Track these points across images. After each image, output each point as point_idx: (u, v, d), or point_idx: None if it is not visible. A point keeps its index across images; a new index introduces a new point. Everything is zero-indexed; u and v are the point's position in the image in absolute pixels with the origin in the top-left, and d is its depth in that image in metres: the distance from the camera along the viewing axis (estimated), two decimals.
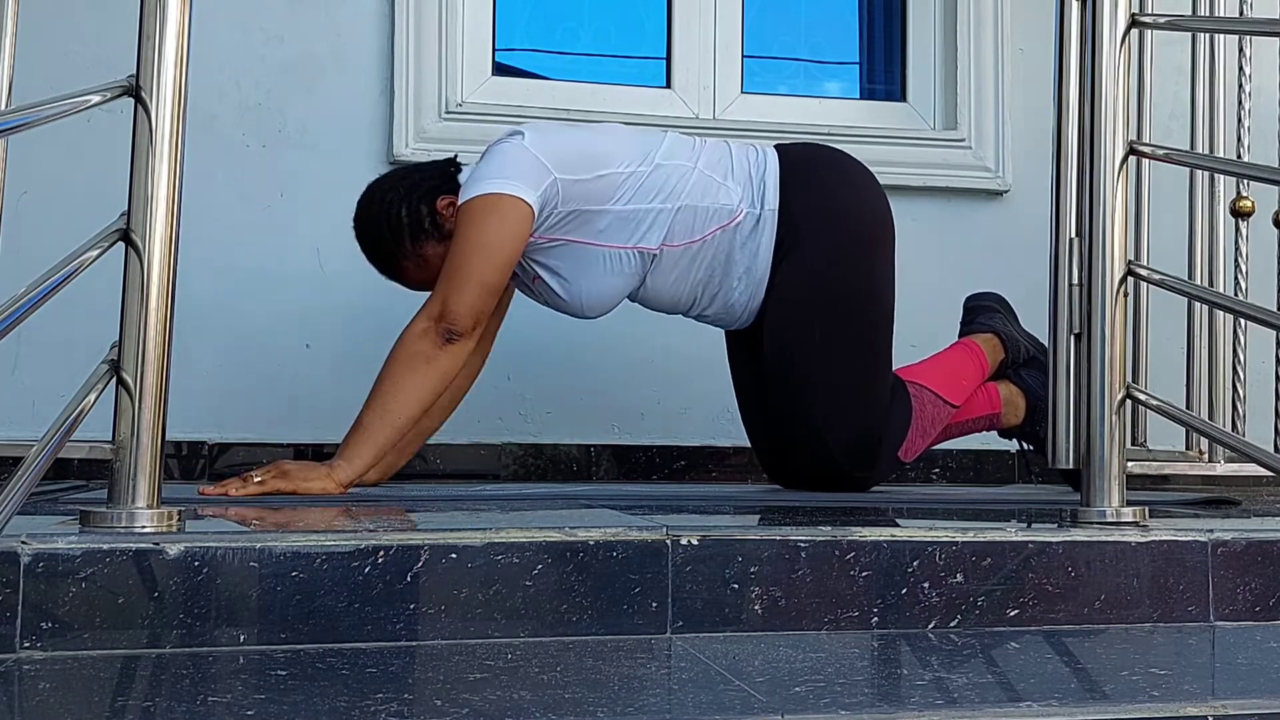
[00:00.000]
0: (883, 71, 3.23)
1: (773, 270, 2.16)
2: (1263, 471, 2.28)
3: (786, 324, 2.17)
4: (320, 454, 2.54)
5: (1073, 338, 1.58)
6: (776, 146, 2.28)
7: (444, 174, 2.16)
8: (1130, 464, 2.13)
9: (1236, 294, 2.47)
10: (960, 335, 2.45)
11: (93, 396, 1.25)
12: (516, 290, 2.27)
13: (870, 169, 2.34)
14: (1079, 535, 1.41)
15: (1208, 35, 2.54)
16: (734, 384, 2.34)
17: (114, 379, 1.28)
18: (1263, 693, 1.08)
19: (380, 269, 2.18)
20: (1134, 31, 1.63)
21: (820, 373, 2.16)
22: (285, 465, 1.88)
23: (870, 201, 2.27)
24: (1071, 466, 1.58)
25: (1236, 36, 2.52)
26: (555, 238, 2.10)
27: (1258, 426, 2.49)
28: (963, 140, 3.03)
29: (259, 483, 1.80)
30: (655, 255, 2.14)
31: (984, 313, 2.46)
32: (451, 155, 2.23)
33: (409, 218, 2.11)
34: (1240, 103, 2.51)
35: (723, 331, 2.35)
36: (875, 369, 2.21)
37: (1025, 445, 2.45)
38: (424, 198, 2.11)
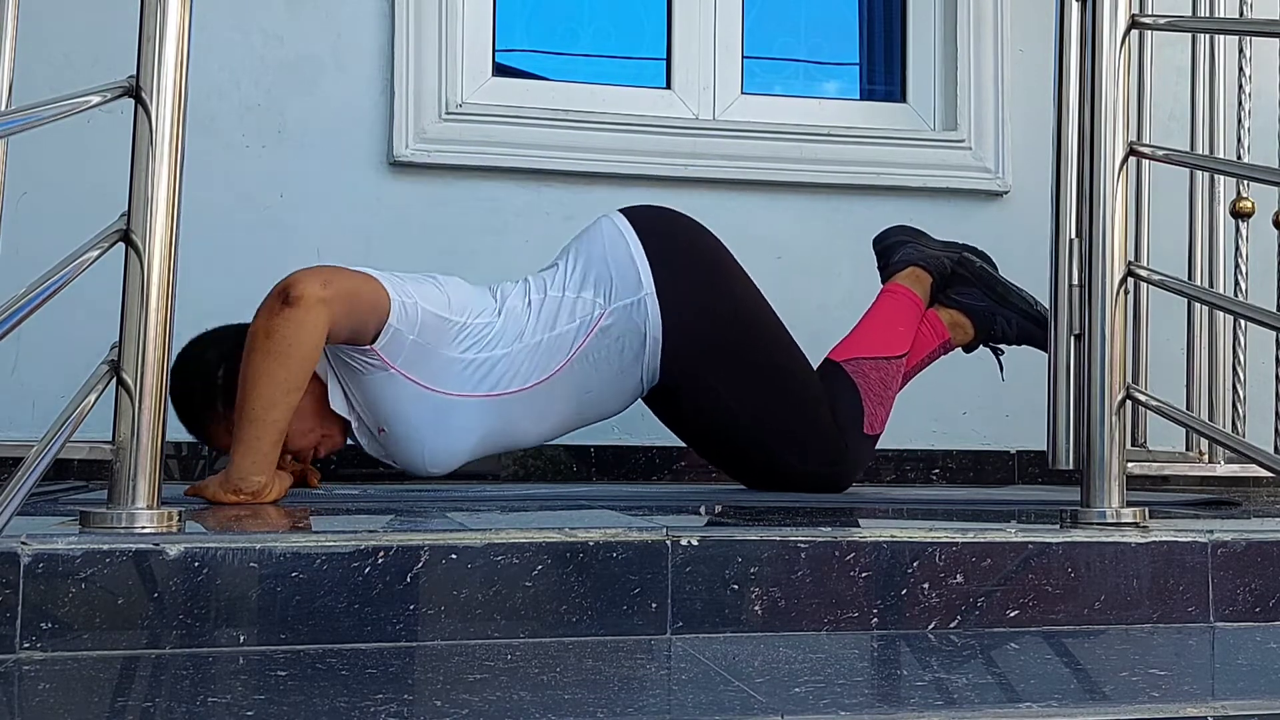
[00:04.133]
0: (883, 72, 3.23)
1: (663, 340, 2.10)
2: (1263, 472, 2.28)
3: (697, 384, 2.15)
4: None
5: (1073, 338, 1.58)
6: (623, 212, 2.21)
7: None
8: (1130, 465, 2.13)
9: (1236, 294, 2.48)
10: (882, 281, 2.45)
11: (93, 397, 1.25)
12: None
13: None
14: (1079, 536, 1.41)
15: (1208, 36, 2.54)
16: (678, 436, 2.32)
17: (114, 379, 1.28)
18: (1263, 693, 1.08)
19: (187, 427, 2.05)
20: (1134, 32, 1.63)
21: (753, 408, 2.15)
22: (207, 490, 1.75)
23: (700, 229, 2.24)
24: (1071, 467, 1.58)
25: (1236, 37, 2.52)
26: (400, 370, 1.98)
27: (1258, 427, 2.50)
28: (963, 141, 3.03)
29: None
30: (514, 399, 2.06)
31: (895, 250, 2.45)
32: None
33: (225, 379, 1.93)
34: (1240, 103, 2.51)
35: None
36: (795, 374, 2.20)
37: (993, 351, 2.45)
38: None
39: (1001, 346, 2.43)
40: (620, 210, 2.22)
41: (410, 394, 2.00)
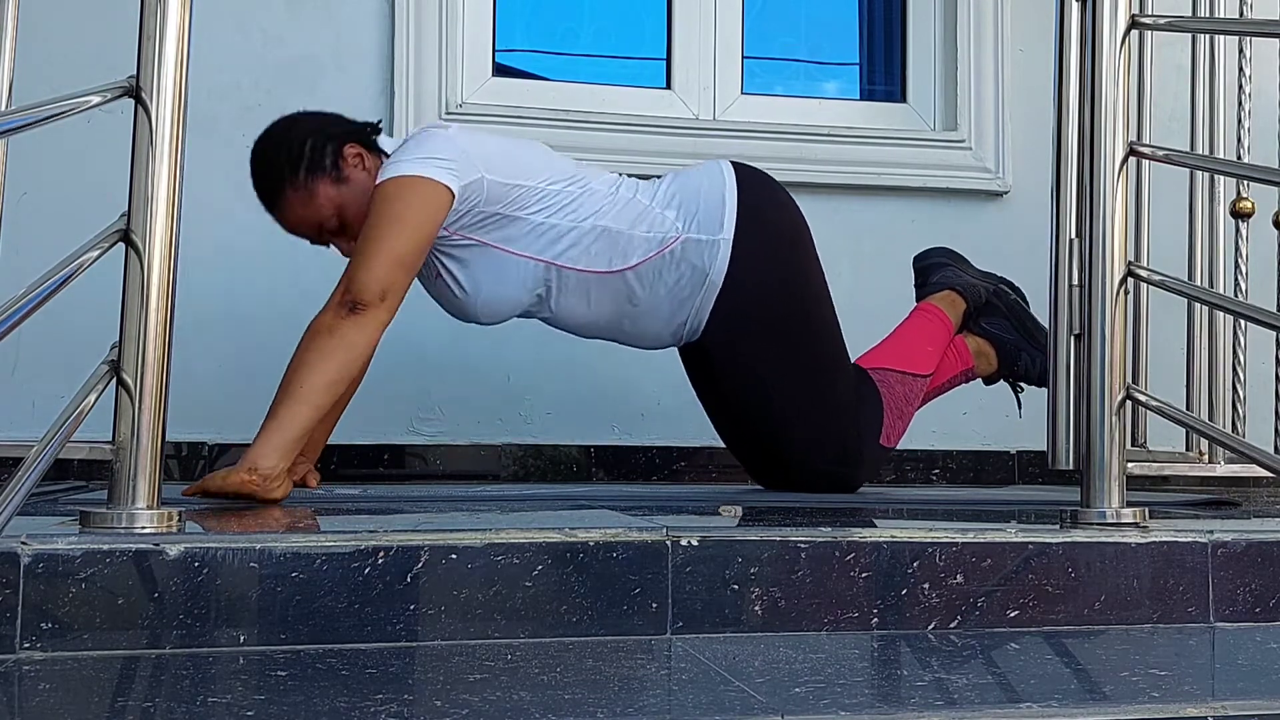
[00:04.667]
0: (883, 72, 3.23)
1: (721, 294, 2.12)
2: (1263, 472, 2.28)
3: (738, 351, 2.16)
4: (322, 453, 2.54)
5: (1073, 338, 1.58)
6: (732, 164, 2.23)
7: (363, 129, 2.11)
8: (1130, 465, 2.13)
9: (1236, 295, 2.47)
10: (917, 299, 2.45)
11: (93, 397, 1.25)
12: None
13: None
14: (1079, 536, 1.41)
15: (1208, 36, 2.54)
16: (703, 406, 2.32)
17: (114, 379, 1.28)
18: (1263, 694, 1.08)
19: (262, 195, 2.08)
20: (1134, 32, 1.63)
21: (784, 392, 2.16)
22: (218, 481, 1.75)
23: (797, 211, 2.26)
24: (1071, 467, 1.58)
25: (1236, 37, 2.52)
26: (469, 237, 2.06)
27: (1258, 427, 2.50)
28: (962, 141, 3.03)
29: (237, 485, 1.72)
30: (568, 274, 2.10)
31: (934, 270, 2.46)
32: (376, 121, 2.17)
33: (312, 151, 2.03)
34: (1240, 103, 2.51)
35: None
36: (834, 373, 2.20)
37: (1012, 387, 2.46)
38: (333, 138, 2.05)
39: (1022, 385, 2.44)
40: (732, 161, 2.25)
41: (474, 250, 2.07)
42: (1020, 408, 2.45)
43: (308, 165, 2.03)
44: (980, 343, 2.40)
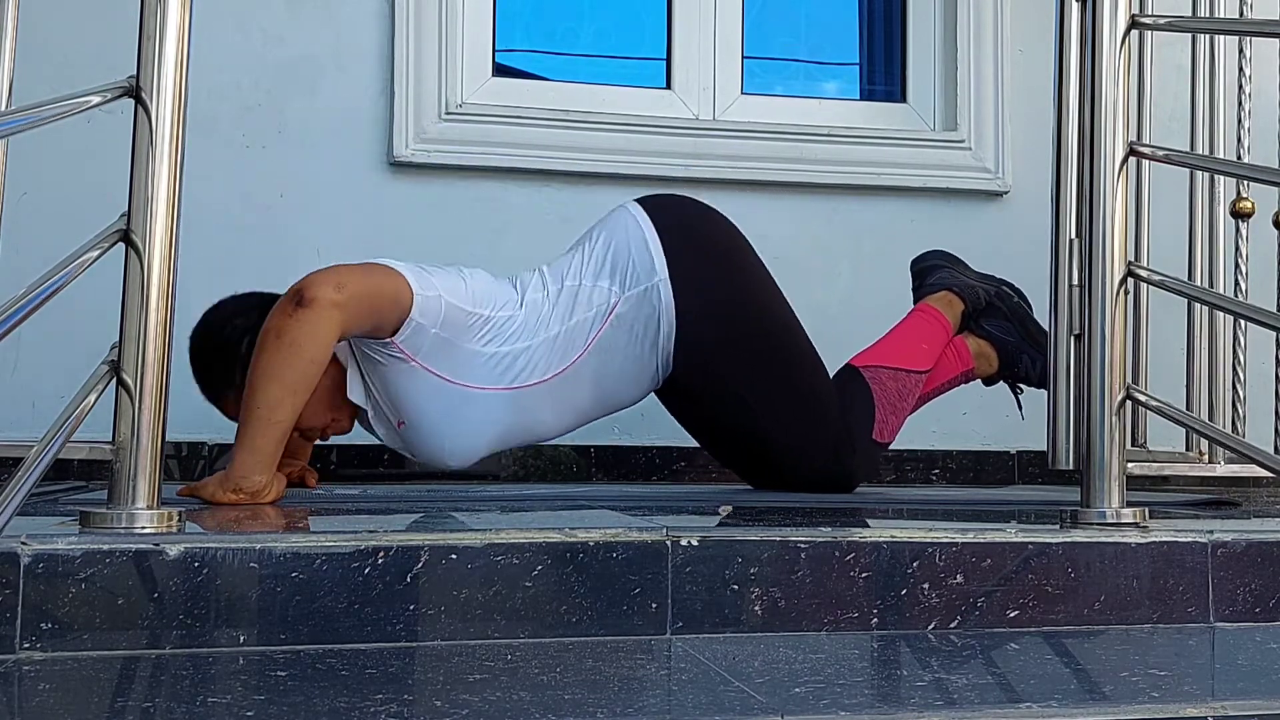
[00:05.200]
0: (883, 72, 3.23)
1: (677, 328, 2.10)
2: (1263, 472, 2.28)
3: (709, 375, 2.14)
4: (322, 452, 2.54)
5: (1073, 338, 1.58)
6: (637, 201, 2.21)
7: None
8: (1130, 465, 2.13)
9: (1236, 295, 2.48)
10: (914, 301, 2.45)
11: (93, 397, 1.25)
12: None
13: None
14: (1079, 536, 1.41)
15: (1208, 36, 2.54)
16: (690, 434, 2.32)
17: (114, 379, 1.28)
18: (1263, 694, 1.08)
19: (202, 391, 2.08)
20: (1134, 32, 1.63)
21: (761, 401, 2.15)
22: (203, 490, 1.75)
23: (722, 221, 2.24)
24: (1071, 467, 1.58)
25: (1236, 37, 2.52)
26: (420, 361, 1.98)
27: (1258, 427, 2.50)
28: (962, 141, 3.03)
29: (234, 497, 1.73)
30: (532, 390, 2.05)
31: (931, 273, 2.46)
32: None
33: (247, 351, 1.90)
34: (1240, 103, 2.51)
35: None
36: (804, 369, 2.19)
37: (1012, 389, 2.46)
38: None
39: (1021, 386, 2.43)
40: (638, 199, 2.23)
41: (431, 387, 2.00)
42: (1020, 409, 2.45)
43: (244, 368, 1.89)
44: (981, 344, 2.40)
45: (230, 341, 2.02)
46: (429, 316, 1.95)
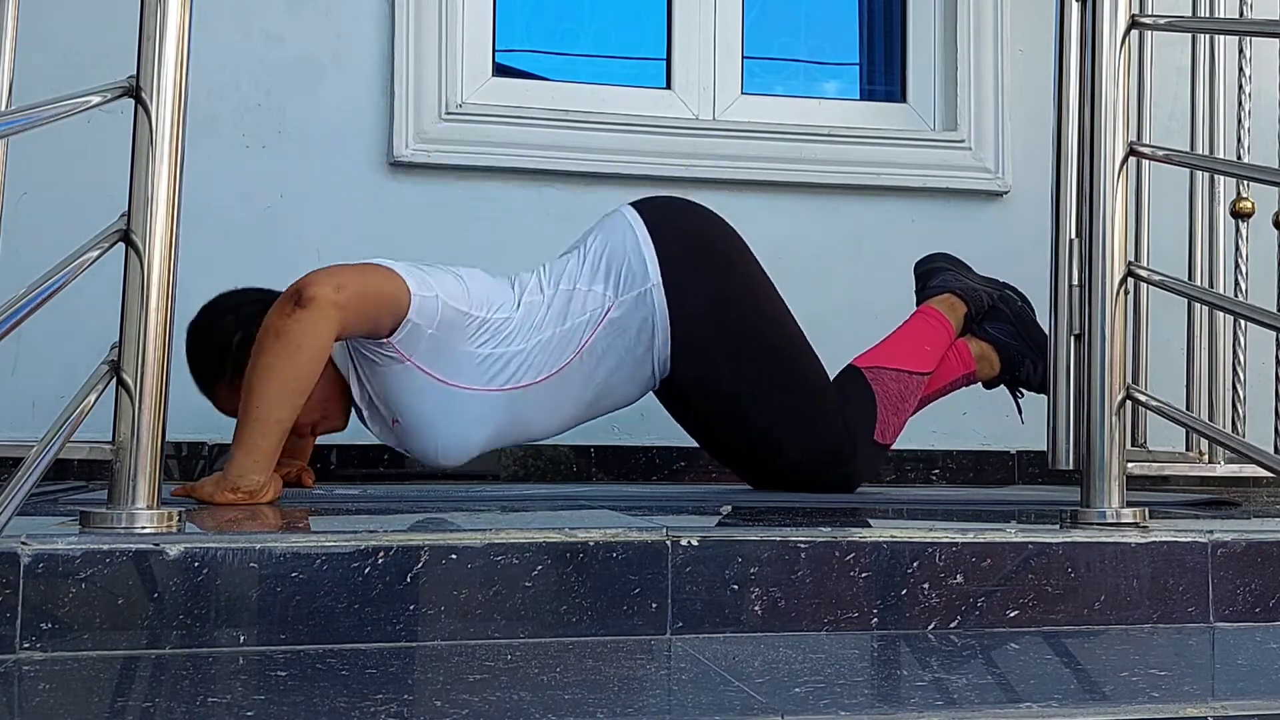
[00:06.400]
0: (883, 72, 3.23)
1: (672, 332, 2.10)
2: (1263, 472, 2.28)
3: (706, 376, 2.15)
4: (322, 452, 2.54)
5: (1073, 338, 1.58)
6: (632, 205, 2.21)
7: None
8: (1130, 465, 2.13)
9: (1236, 295, 2.48)
10: (917, 303, 2.45)
11: (93, 397, 1.25)
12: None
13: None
14: (1079, 536, 1.41)
15: (1208, 36, 2.54)
16: (690, 435, 2.32)
17: (114, 379, 1.28)
18: (1263, 694, 1.08)
19: (196, 384, 2.10)
20: (1134, 32, 1.63)
21: (760, 401, 2.15)
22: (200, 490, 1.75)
23: (718, 222, 2.24)
24: (1071, 467, 1.58)
25: (1236, 37, 2.52)
26: (414, 361, 1.98)
27: (1258, 427, 2.50)
28: (962, 141, 3.03)
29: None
30: (525, 392, 2.06)
31: (935, 275, 2.46)
32: None
33: (237, 349, 1.95)
34: (1240, 103, 2.51)
35: None
36: (805, 373, 2.19)
37: (1012, 393, 2.46)
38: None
39: (1022, 390, 2.43)
40: (633, 202, 2.23)
41: (425, 386, 2.01)
42: (1020, 412, 2.45)
43: (234, 364, 1.95)
44: (983, 346, 2.40)
45: (224, 334, 2.04)
46: (425, 317, 1.95)
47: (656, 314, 2.10)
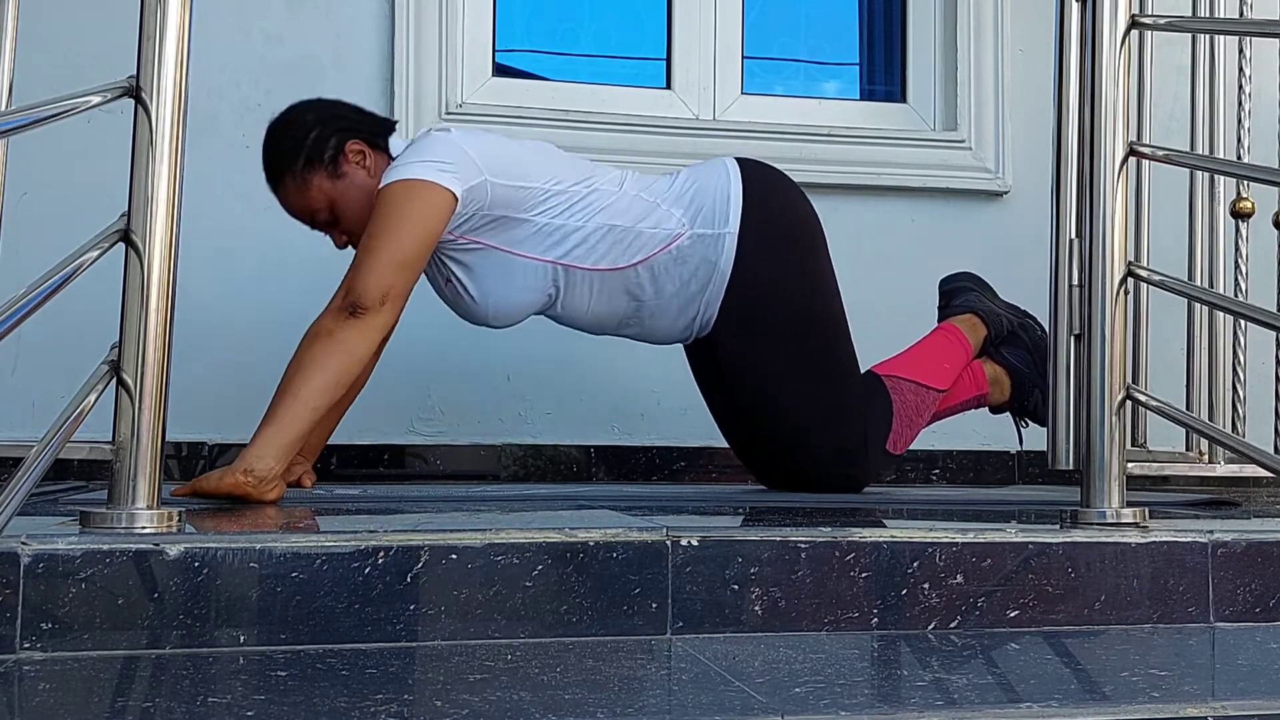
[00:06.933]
0: (883, 72, 3.23)
1: (728, 289, 2.13)
2: (1263, 472, 2.28)
3: (746, 347, 2.16)
4: (322, 453, 2.54)
5: (1073, 338, 1.58)
6: (737, 159, 2.24)
7: (376, 126, 2.14)
8: (1130, 465, 2.13)
9: (1236, 295, 2.47)
10: (939, 320, 2.45)
11: (93, 397, 1.25)
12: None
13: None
14: (1079, 536, 1.41)
15: (1208, 36, 2.54)
16: (707, 405, 2.32)
17: (114, 379, 1.28)
18: (1263, 694, 1.08)
19: (267, 176, 2.13)
20: (1134, 32, 1.63)
21: (790, 388, 2.16)
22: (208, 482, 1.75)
23: (807, 207, 2.26)
24: (1071, 467, 1.58)
25: (1236, 37, 2.52)
26: (475, 240, 2.07)
27: (1258, 427, 2.50)
28: (963, 141, 3.03)
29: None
30: (575, 273, 2.11)
31: (959, 294, 2.47)
32: (394, 120, 2.21)
33: (313, 142, 2.06)
34: (1240, 103, 2.51)
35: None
36: (841, 372, 2.20)
37: (1016, 421, 2.46)
38: (339, 132, 2.08)
39: (1026, 420, 2.44)
40: (737, 157, 2.26)
41: (482, 255, 2.08)
42: (1021, 440, 2.45)
43: (306, 156, 2.06)
44: (998, 370, 2.40)
45: (304, 126, 2.09)
46: (476, 203, 2.02)
47: (722, 260, 2.12)
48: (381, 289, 1.90)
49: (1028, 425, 2.45)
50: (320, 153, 2.06)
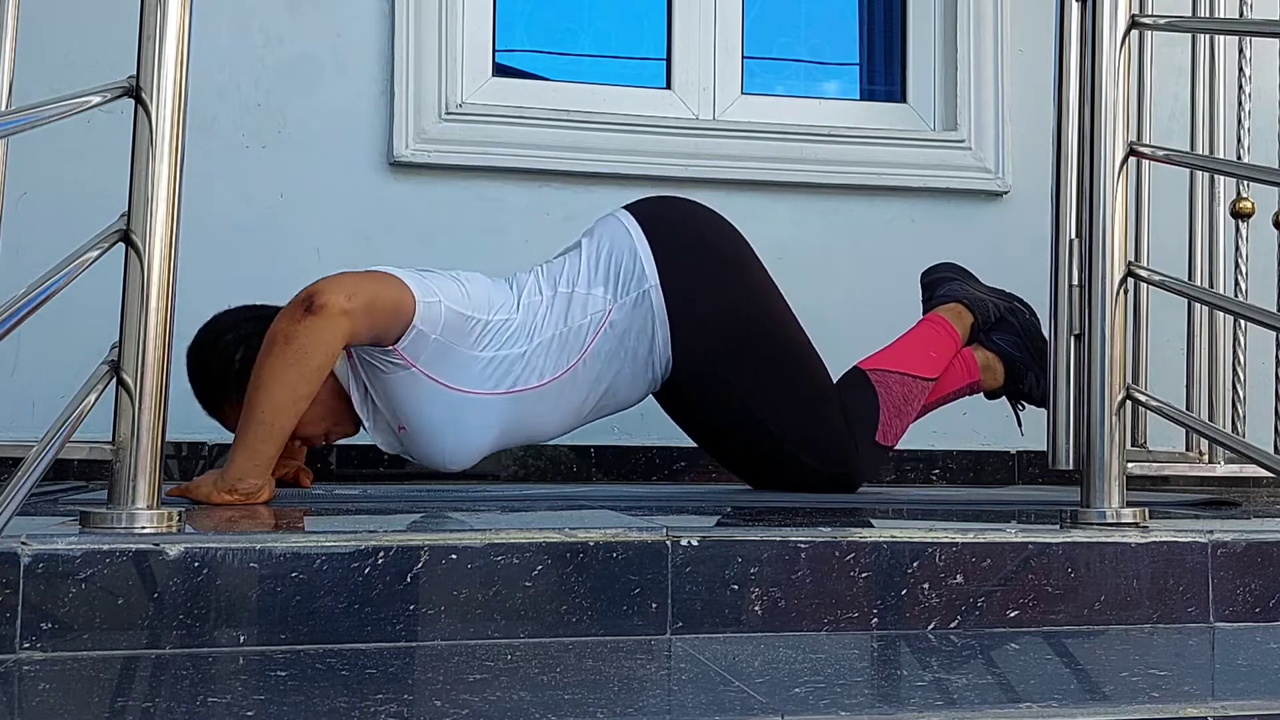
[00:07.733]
0: (883, 72, 3.23)
1: (672, 334, 2.10)
2: (1262, 472, 2.28)
3: (706, 377, 2.14)
4: (322, 453, 2.54)
5: (1073, 338, 1.58)
6: (626, 208, 2.21)
7: None
8: (1130, 465, 2.13)
9: (1236, 295, 2.47)
10: (924, 312, 2.45)
11: (93, 397, 1.25)
12: None
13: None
14: (1079, 536, 1.41)
15: (1208, 36, 2.54)
16: (690, 436, 2.32)
17: (114, 380, 1.28)
18: (1263, 693, 1.08)
19: (203, 406, 2.10)
20: (1134, 32, 1.63)
21: (760, 400, 2.15)
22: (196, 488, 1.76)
23: (716, 220, 2.24)
24: (1071, 467, 1.58)
25: (1236, 37, 2.52)
26: (421, 369, 1.98)
27: (1258, 427, 2.50)
28: (962, 141, 3.03)
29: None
30: (527, 396, 2.05)
31: (941, 284, 2.47)
32: None
33: (241, 365, 1.96)
34: (1240, 103, 2.51)
35: None
36: (804, 373, 2.19)
37: (1013, 405, 2.46)
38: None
39: (1023, 404, 2.44)
40: (628, 205, 2.22)
41: (430, 392, 2.00)
42: (1020, 425, 2.45)
43: (238, 381, 1.93)
44: (989, 357, 2.40)
45: (226, 353, 2.04)
46: (429, 323, 1.95)
47: (656, 315, 2.10)
48: (345, 287, 1.83)
49: (1024, 408, 2.44)
50: (249, 376, 1.83)
